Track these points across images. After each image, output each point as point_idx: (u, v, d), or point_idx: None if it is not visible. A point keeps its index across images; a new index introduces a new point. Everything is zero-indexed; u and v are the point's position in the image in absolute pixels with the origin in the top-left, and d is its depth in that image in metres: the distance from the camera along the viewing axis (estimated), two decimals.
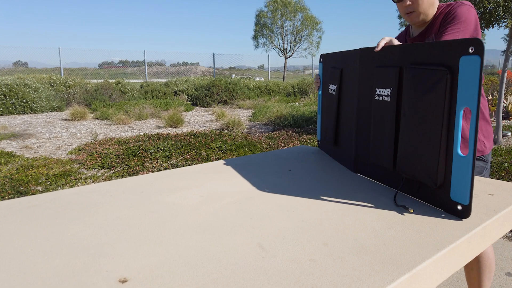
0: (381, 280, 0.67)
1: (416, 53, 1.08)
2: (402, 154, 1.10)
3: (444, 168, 0.99)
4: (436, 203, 1.03)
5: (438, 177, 0.99)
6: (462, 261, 0.85)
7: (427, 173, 1.02)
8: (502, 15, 5.18)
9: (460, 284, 2.02)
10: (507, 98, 8.82)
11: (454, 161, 0.96)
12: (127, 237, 0.87)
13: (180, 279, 0.68)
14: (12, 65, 25.36)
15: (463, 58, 0.93)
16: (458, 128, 0.94)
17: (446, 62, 0.98)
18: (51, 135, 6.53)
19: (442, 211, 1.00)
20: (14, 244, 0.84)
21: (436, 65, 1.01)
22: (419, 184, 1.08)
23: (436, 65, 1.01)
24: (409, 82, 1.08)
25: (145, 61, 17.71)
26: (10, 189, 3.47)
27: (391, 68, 1.17)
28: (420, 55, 1.06)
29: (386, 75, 1.19)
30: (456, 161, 0.95)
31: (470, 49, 0.91)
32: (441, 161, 0.98)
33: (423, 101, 1.02)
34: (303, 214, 0.99)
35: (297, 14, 25.85)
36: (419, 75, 1.04)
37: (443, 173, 0.99)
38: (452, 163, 0.96)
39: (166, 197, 1.16)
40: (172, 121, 7.41)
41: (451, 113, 0.96)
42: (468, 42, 0.92)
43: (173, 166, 4.31)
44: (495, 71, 25.01)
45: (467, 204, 0.93)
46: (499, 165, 4.08)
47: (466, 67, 0.92)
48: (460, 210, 0.95)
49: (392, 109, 1.15)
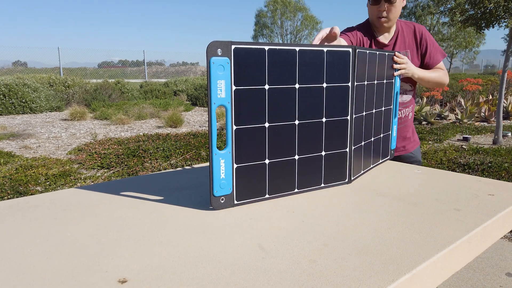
0: (381, 281, 0.67)
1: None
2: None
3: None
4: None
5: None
6: (462, 261, 0.85)
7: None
8: (503, 15, 5.18)
9: (460, 284, 2.02)
10: (507, 98, 8.82)
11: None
12: (126, 237, 0.87)
13: (180, 279, 0.68)
14: (11, 65, 25.34)
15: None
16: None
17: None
18: (51, 135, 6.53)
19: (443, 211, 1.01)
20: (14, 244, 0.84)
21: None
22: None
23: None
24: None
25: (144, 61, 17.71)
26: (10, 189, 3.47)
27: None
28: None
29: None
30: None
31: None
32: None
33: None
34: (303, 214, 0.99)
35: (297, 14, 25.86)
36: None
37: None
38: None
39: (165, 197, 1.16)
40: (171, 121, 7.40)
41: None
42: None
43: (172, 166, 4.31)
44: (495, 71, 25.02)
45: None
46: (499, 165, 4.08)
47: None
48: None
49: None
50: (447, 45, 28.47)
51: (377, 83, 1.37)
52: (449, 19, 7.72)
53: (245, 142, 1.02)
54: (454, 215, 0.98)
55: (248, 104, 1.00)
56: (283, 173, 1.10)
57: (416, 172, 1.43)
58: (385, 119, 1.49)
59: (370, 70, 1.30)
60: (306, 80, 1.10)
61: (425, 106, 8.11)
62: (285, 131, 1.09)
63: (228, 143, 0.99)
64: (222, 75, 0.95)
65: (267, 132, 1.05)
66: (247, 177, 1.04)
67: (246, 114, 1.01)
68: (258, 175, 1.06)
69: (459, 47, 28.59)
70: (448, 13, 5.85)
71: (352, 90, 1.20)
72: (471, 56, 31.40)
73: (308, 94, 1.11)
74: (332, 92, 1.16)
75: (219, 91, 0.95)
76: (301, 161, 1.13)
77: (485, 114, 7.97)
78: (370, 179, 1.32)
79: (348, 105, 1.20)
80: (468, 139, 5.74)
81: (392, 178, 1.34)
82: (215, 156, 0.98)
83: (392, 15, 1.62)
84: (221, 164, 0.99)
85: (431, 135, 6.20)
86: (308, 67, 1.10)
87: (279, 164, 1.09)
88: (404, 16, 28.48)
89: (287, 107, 1.08)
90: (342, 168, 1.22)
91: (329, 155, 1.19)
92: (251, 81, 1.00)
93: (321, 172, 1.18)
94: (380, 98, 1.41)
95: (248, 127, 1.02)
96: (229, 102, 0.97)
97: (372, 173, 1.40)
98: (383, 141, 1.50)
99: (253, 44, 1.00)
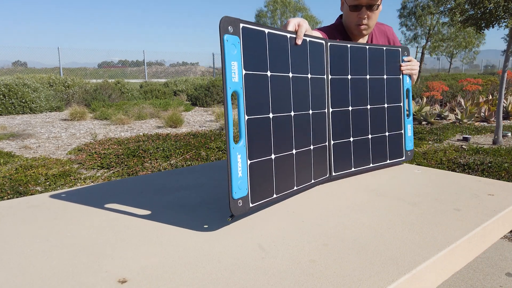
0: (381, 281, 0.67)
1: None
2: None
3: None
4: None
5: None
6: (462, 261, 0.85)
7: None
8: (502, 15, 5.18)
9: (460, 284, 2.02)
10: (507, 98, 8.82)
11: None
12: (126, 237, 0.87)
13: (180, 280, 0.68)
14: (11, 65, 25.35)
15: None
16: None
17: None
18: (51, 135, 6.53)
19: (443, 211, 1.01)
20: (13, 245, 0.84)
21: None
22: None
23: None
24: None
25: (144, 61, 17.70)
26: (10, 189, 3.47)
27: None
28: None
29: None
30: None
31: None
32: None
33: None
34: (303, 214, 0.99)
35: (297, 14, 25.87)
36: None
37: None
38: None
39: (165, 197, 1.16)
40: (171, 121, 7.40)
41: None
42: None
43: (172, 166, 4.31)
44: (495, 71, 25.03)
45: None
46: (499, 165, 4.08)
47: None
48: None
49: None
50: (447, 45, 28.48)
51: (372, 78, 1.35)
52: (449, 19, 7.72)
53: (256, 135, 0.93)
54: (454, 215, 0.98)
55: (255, 91, 0.93)
56: (285, 169, 1.03)
57: (416, 172, 1.43)
58: (392, 116, 1.44)
59: (357, 65, 1.29)
60: (296, 69, 1.08)
61: (425, 106, 8.11)
62: (285, 123, 1.03)
63: (241, 135, 0.89)
64: (235, 56, 0.86)
65: (272, 124, 0.98)
66: (259, 175, 0.95)
67: (255, 102, 0.93)
68: (267, 172, 0.97)
69: (459, 47, 28.60)
70: (448, 13, 5.86)
71: (327, 82, 1.20)
72: (471, 56, 31.40)
73: (298, 84, 1.09)
74: (314, 84, 1.15)
75: (233, 74, 0.85)
76: (298, 156, 1.09)
77: (485, 114, 7.97)
78: (370, 179, 1.32)
79: (324, 98, 1.19)
80: (468, 139, 5.74)
81: (392, 178, 1.34)
82: (232, 151, 0.86)
83: (372, 22, 1.56)
84: (238, 160, 0.88)
85: (431, 135, 6.20)
86: (297, 55, 1.07)
87: (282, 159, 1.02)
88: (404, 16, 28.47)
89: (285, 97, 1.03)
90: (323, 163, 1.20)
91: (316, 149, 1.16)
92: (256, 66, 0.93)
93: (311, 168, 1.14)
94: (380, 94, 1.39)
95: (257, 117, 0.94)
96: (241, 88, 0.88)
97: (372, 173, 1.40)
98: (391, 139, 1.44)
99: (257, 25, 0.93)
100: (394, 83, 1.43)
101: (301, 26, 1.07)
